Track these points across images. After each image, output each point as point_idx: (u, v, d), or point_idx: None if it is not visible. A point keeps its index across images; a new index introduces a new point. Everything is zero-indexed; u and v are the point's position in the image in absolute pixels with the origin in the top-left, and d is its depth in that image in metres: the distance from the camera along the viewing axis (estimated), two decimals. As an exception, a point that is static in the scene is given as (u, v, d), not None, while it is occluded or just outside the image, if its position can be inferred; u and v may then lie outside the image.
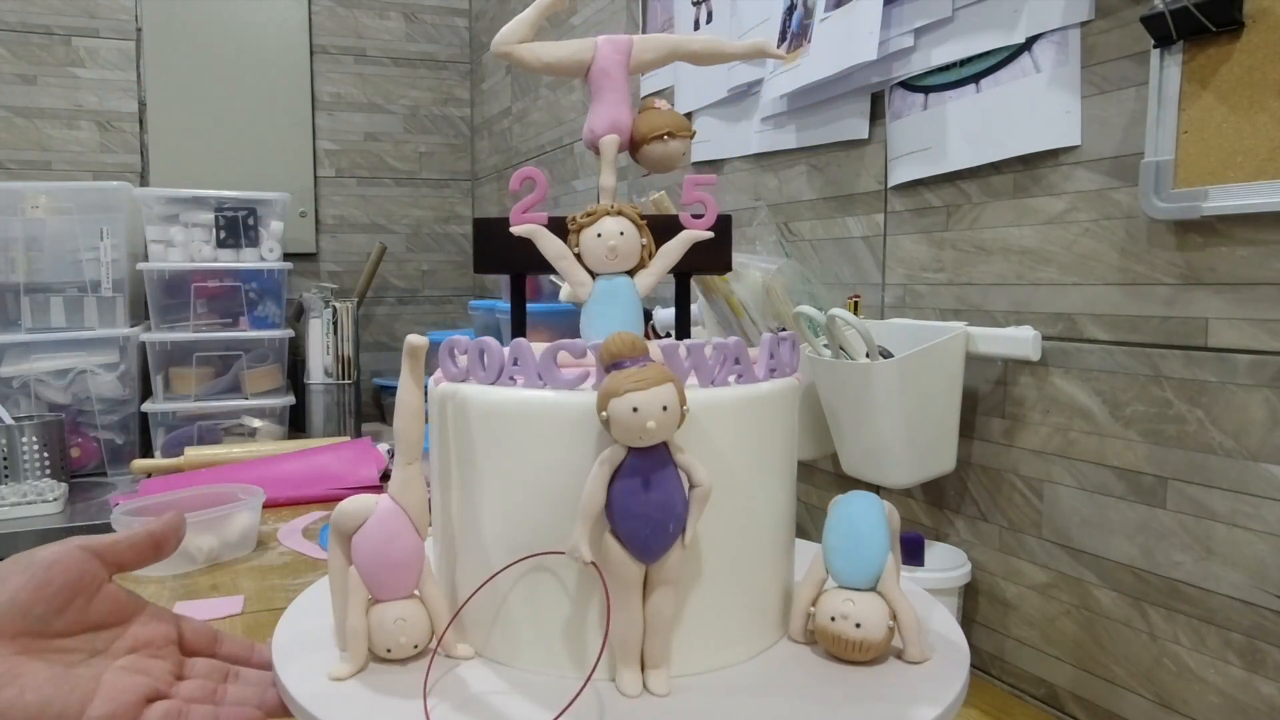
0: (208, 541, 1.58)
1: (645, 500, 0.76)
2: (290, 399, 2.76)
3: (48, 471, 2.29)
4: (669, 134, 0.96)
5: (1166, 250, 0.99)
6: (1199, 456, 0.97)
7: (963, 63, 1.22)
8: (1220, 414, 0.95)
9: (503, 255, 0.97)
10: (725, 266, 1.01)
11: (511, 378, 0.84)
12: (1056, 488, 1.13)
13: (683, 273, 1.03)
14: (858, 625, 0.81)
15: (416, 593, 0.88)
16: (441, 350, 0.89)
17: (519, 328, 1.03)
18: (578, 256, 0.90)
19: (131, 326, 2.60)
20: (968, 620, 1.25)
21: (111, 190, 2.57)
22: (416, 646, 0.86)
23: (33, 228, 2.51)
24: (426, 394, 0.91)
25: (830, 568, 0.85)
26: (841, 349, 1.21)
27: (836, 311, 1.17)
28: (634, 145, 0.98)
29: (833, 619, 0.82)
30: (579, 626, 0.82)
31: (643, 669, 0.81)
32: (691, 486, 0.78)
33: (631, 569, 0.78)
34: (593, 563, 0.77)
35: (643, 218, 0.90)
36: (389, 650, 0.85)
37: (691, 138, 0.98)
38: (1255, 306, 0.91)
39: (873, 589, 0.83)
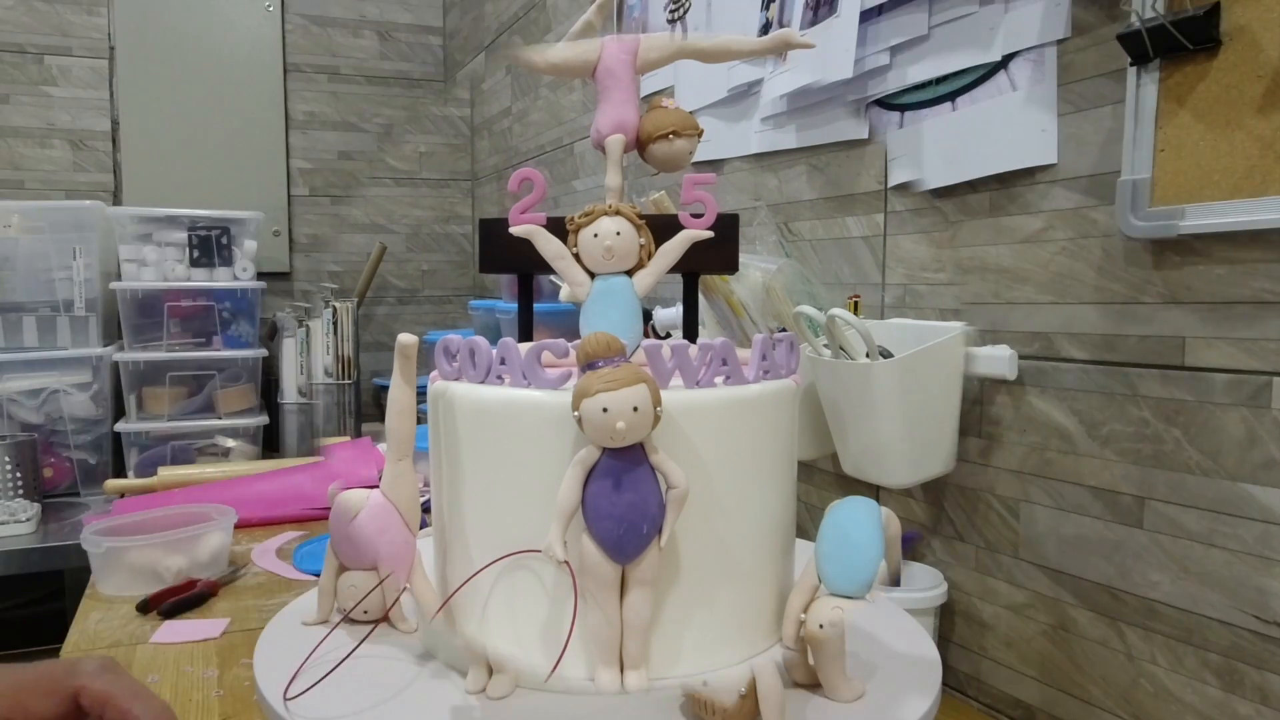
0: (177, 561, 1.56)
1: (618, 501, 0.76)
2: (264, 419, 2.74)
3: (20, 492, 2.27)
4: (674, 133, 0.96)
5: (1143, 269, 0.99)
6: (1176, 476, 0.97)
7: (939, 81, 1.22)
8: (1197, 433, 0.95)
9: (508, 255, 0.97)
10: (731, 267, 1.01)
11: (499, 377, 0.85)
12: (1033, 507, 1.13)
13: (690, 273, 1.02)
14: (704, 683, 0.78)
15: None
16: (436, 349, 0.90)
17: (526, 328, 1.03)
18: (576, 256, 0.90)
19: (104, 346, 2.58)
20: (944, 640, 1.25)
21: (84, 209, 2.55)
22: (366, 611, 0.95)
23: (5, 247, 2.49)
24: (426, 393, 0.92)
25: (822, 574, 0.83)
26: (841, 349, 1.21)
27: (836, 311, 1.17)
28: (641, 145, 0.98)
29: (821, 626, 0.81)
30: (556, 624, 0.82)
31: (623, 669, 0.80)
32: (668, 488, 0.77)
33: (607, 569, 0.78)
34: (566, 562, 0.77)
35: (642, 217, 0.90)
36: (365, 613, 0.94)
37: (698, 136, 0.98)
38: (1232, 325, 0.91)
39: (864, 597, 0.81)
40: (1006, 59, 1.13)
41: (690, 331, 1.04)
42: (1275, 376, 0.88)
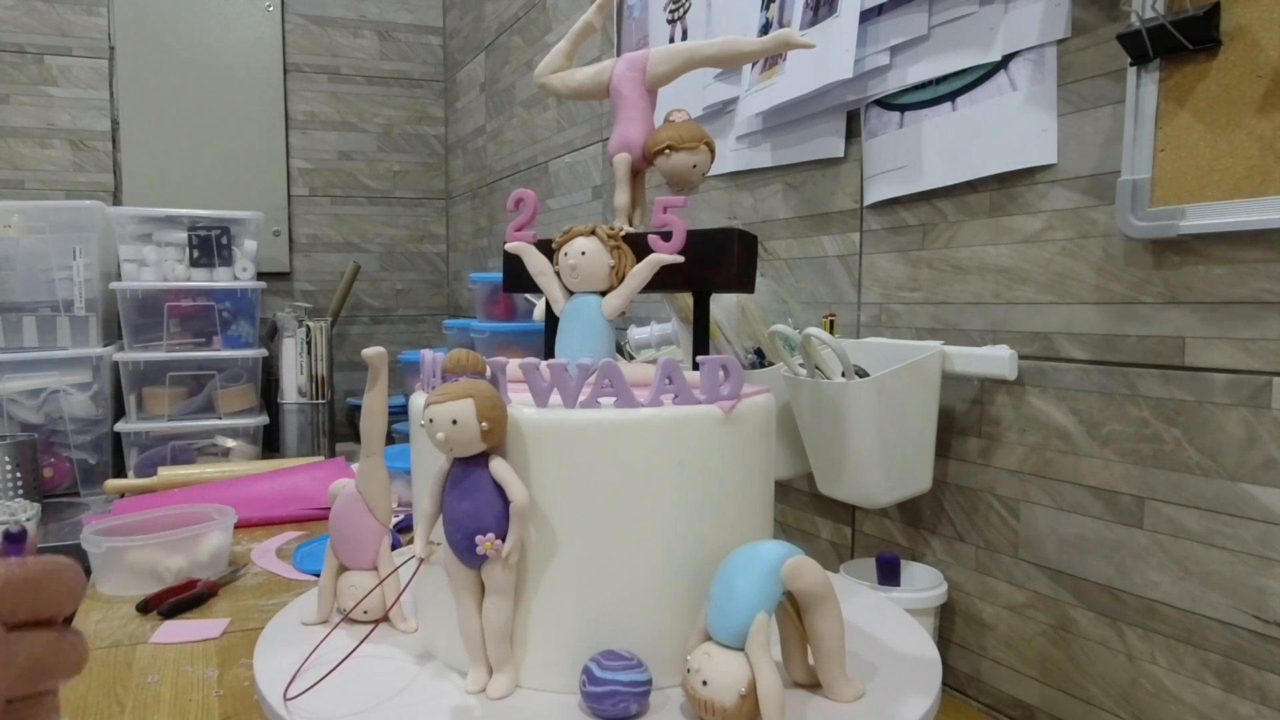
0: (177, 562, 1.56)
1: (457, 508, 0.79)
2: (264, 419, 2.74)
3: (20, 492, 2.26)
4: (669, 147, 0.96)
5: (1143, 269, 0.99)
6: (1176, 476, 0.97)
7: (939, 81, 1.22)
8: (1197, 433, 0.95)
9: (528, 275, 0.98)
10: (747, 286, 1.01)
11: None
12: (1033, 507, 1.13)
13: (700, 292, 1.01)
14: (704, 682, 0.78)
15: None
16: (422, 363, 0.92)
17: (550, 350, 1.02)
18: (559, 274, 0.92)
19: (104, 346, 2.58)
20: (944, 640, 1.25)
21: (84, 209, 2.55)
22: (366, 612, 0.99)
23: (5, 247, 2.49)
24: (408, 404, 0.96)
25: (707, 619, 0.82)
26: (817, 368, 1.21)
27: (812, 330, 1.17)
28: (648, 162, 0.99)
29: (688, 670, 0.79)
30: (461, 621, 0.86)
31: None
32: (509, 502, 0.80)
33: (458, 571, 0.82)
34: (423, 560, 0.85)
35: (625, 239, 0.91)
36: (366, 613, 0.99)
37: (703, 146, 0.97)
38: (1232, 325, 0.91)
39: (741, 649, 0.78)
40: (1006, 59, 1.13)
41: (700, 348, 1.02)
42: (1275, 376, 0.88)
